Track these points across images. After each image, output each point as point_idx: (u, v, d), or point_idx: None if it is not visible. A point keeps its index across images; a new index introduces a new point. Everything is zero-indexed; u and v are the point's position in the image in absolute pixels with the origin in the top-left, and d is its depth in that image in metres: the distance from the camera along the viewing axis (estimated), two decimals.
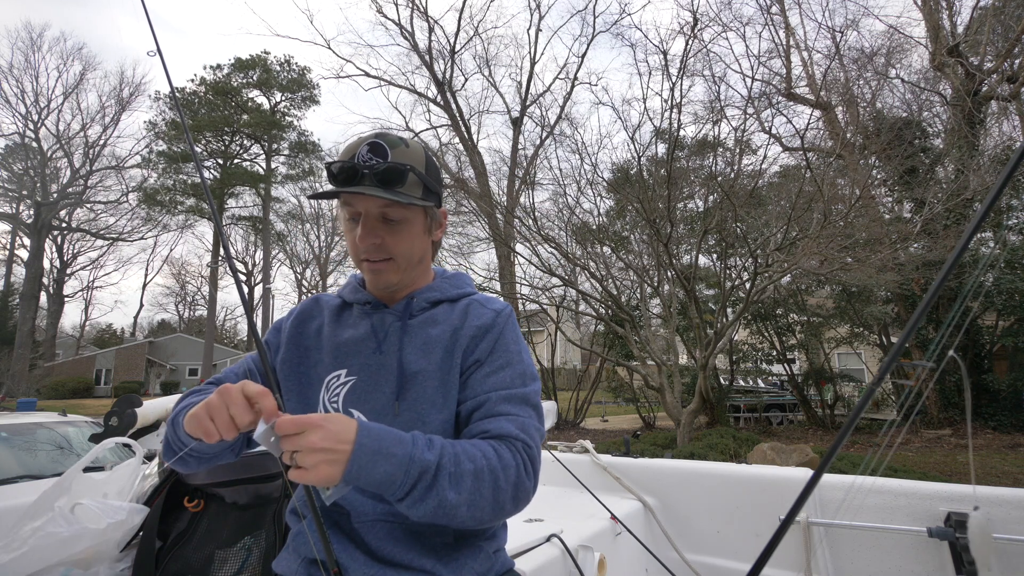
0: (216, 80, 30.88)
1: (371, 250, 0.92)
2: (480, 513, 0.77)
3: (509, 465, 0.80)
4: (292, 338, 1.02)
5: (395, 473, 0.72)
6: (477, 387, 0.90)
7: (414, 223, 0.95)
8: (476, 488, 0.76)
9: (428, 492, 0.73)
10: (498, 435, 0.83)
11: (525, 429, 0.85)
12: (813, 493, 1.85)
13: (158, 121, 30.20)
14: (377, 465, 0.71)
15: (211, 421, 0.71)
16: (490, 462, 0.78)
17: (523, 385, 0.91)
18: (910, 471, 7.27)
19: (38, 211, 29.19)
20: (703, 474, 2.22)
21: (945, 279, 0.96)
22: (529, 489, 0.82)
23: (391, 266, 0.94)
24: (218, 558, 1.45)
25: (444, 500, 0.74)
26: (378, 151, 0.90)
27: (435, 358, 0.92)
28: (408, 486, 0.72)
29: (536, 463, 0.84)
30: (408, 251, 0.95)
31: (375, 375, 0.92)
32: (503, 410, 0.87)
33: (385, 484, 0.72)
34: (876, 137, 10.90)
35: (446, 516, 0.75)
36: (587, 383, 16.71)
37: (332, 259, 35.03)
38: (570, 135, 18.64)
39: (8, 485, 3.26)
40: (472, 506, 0.76)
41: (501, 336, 0.94)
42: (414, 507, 0.74)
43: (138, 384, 34.39)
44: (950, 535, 1.59)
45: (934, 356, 1.12)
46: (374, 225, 0.91)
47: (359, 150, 0.90)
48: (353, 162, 0.89)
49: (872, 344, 14.65)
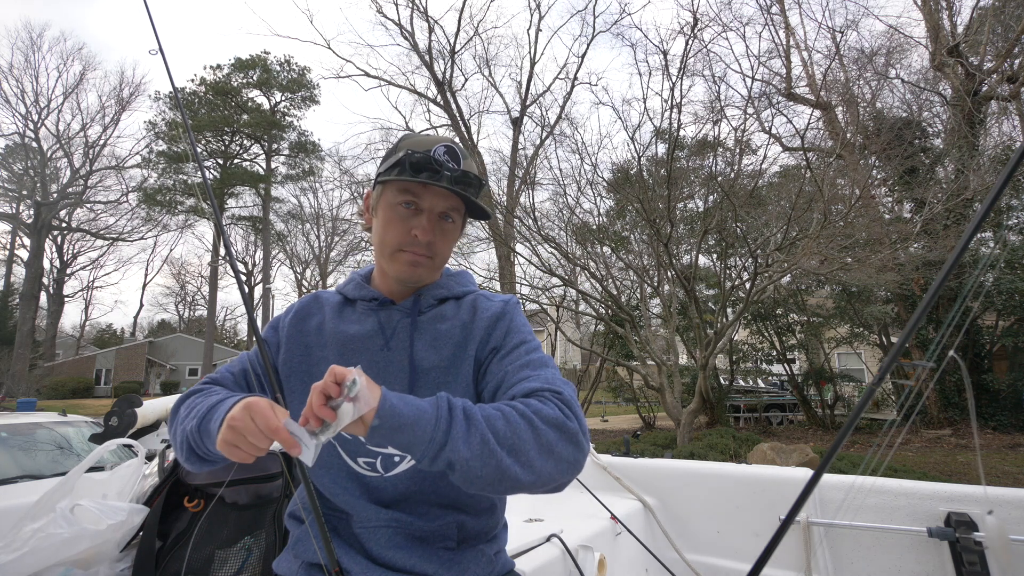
0: (216, 80, 30.86)
1: (424, 245, 0.93)
2: (536, 464, 0.71)
3: (540, 409, 0.75)
4: (292, 336, 1.01)
5: (426, 411, 0.70)
6: (496, 369, 0.89)
7: (458, 228, 0.99)
8: (513, 432, 0.71)
9: (470, 426, 0.70)
10: (524, 393, 0.80)
11: (550, 381, 0.82)
12: (813, 493, 1.85)
13: (158, 121, 30.23)
14: (408, 406, 0.69)
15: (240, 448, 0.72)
16: (518, 410, 0.74)
17: (539, 353, 0.91)
18: (910, 471, 7.27)
19: (38, 211, 29.18)
20: (703, 474, 2.21)
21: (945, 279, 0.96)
22: (576, 430, 0.76)
23: (428, 263, 0.96)
24: (218, 558, 1.46)
25: (486, 437, 0.69)
26: (453, 156, 0.93)
27: (446, 353, 0.92)
28: (444, 419, 0.70)
29: (574, 407, 0.79)
30: (447, 254, 0.99)
31: (384, 372, 0.92)
32: (523, 375, 0.85)
33: (419, 420, 0.69)
34: (876, 137, 10.90)
35: (495, 461, 0.69)
36: (587, 383, 16.71)
37: (332, 259, 35.00)
38: (570, 135, 18.67)
39: (8, 485, 3.26)
40: (515, 452, 0.70)
41: (512, 321, 0.96)
42: (462, 445, 0.69)
43: (138, 384, 34.39)
44: (950, 535, 1.59)
45: (934, 356, 1.12)
46: (436, 225, 0.94)
47: (435, 148, 0.92)
48: (435, 158, 0.90)
49: (872, 344, 14.65)
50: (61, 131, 30.47)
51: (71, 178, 30.66)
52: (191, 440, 0.84)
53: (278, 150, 33.76)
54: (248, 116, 31.37)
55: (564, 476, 0.75)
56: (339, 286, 1.09)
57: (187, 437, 0.85)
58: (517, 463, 0.70)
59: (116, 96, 31.00)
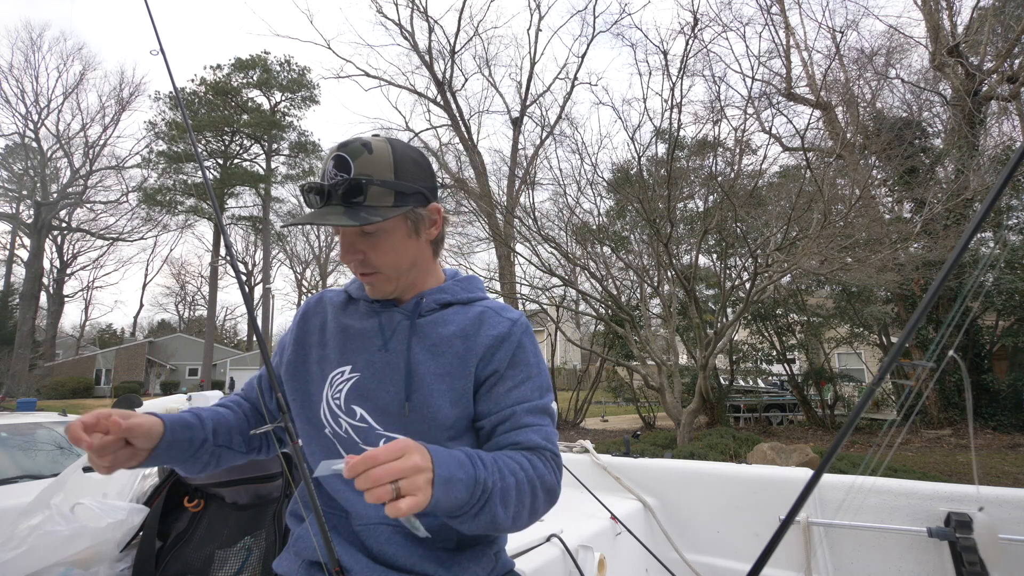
0: (216, 80, 30.85)
1: (356, 265, 0.92)
2: (520, 522, 0.81)
3: (544, 474, 0.84)
4: (297, 338, 1.02)
5: (464, 496, 0.71)
6: (501, 401, 0.90)
7: (393, 232, 0.90)
8: (519, 500, 0.79)
9: (483, 509, 0.75)
10: (528, 447, 0.87)
11: (549, 439, 0.90)
12: (813, 493, 1.85)
13: (158, 121, 30.23)
14: (453, 489, 0.70)
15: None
16: (527, 474, 0.82)
17: (542, 397, 0.93)
18: (910, 471, 7.27)
19: (38, 211, 29.18)
20: (703, 474, 2.21)
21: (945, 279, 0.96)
22: (558, 492, 0.88)
23: (380, 278, 0.93)
24: (218, 558, 1.46)
25: (495, 516, 0.76)
26: (342, 166, 0.86)
27: (445, 360, 0.91)
28: (473, 506, 0.73)
29: (561, 468, 0.90)
30: (394, 261, 0.92)
31: (380, 373, 0.92)
32: (528, 422, 0.89)
33: (456, 506, 0.71)
34: (876, 137, 10.89)
35: (492, 528, 0.77)
36: (587, 383, 16.72)
37: (332, 259, 35.02)
38: (570, 135, 18.71)
39: (8, 485, 3.25)
40: (516, 517, 0.79)
41: (520, 347, 0.93)
42: (469, 523, 0.75)
43: (138, 384, 34.39)
44: (950, 535, 1.59)
45: (934, 356, 1.12)
46: (352, 241, 0.91)
47: (327, 166, 0.89)
48: (321, 183, 0.87)
49: (872, 344, 14.65)
50: (61, 131, 30.52)
51: (71, 178, 30.66)
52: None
53: (278, 150, 33.76)
54: (248, 116, 31.36)
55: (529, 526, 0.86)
56: (346, 284, 1.09)
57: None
58: (510, 523, 0.79)
59: (116, 96, 31.06)
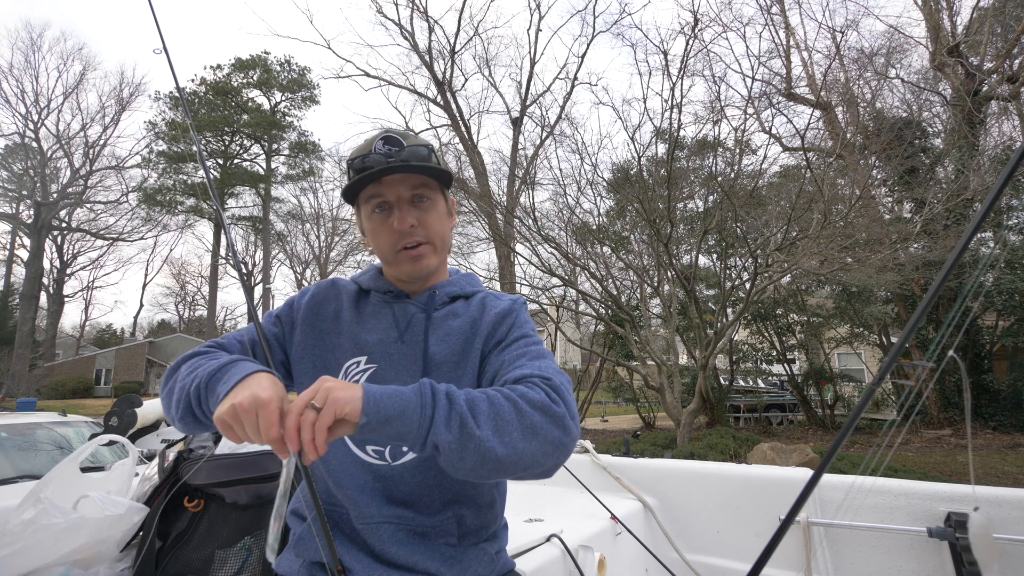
0: (216, 80, 30.87)
1: (410, 233, 0.95)
2: (513, 441, 0.70)
3: (525, 392, 0.75)
4: (308, 319, 1.01)
5: (411, 399, 0.69)
6: (495, 360, 0.91)
7: (439, 203, 0.99)
8: (497, 415, 0.71)
9: (451, 409, 0.70)
10: (515, 380, 0.80)
11: (542, 369, 0.82)
12: (813, 493, 1.85)
13: (158, 121, 30.24)
14: (389, 398, 0.68)
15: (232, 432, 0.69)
16: (504, 393, 0.74)
17: (538, 346, 0.92)
18: (910, 471, 7.27)
19: (38, 211, 29.16)
20: (703, 474, 2.21)
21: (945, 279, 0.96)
22: (562, 414, 0.74)
23: (428, 249, 0.98)
24: (218, 558, 1.45)
25: (472, 433, 0.68)
26: (393, 142, 0.94)
27: (456, 347, 0.95)
28: (428, 405, 0.69)
29: (563, 392, 0.78)
30: (441, 231, 0.99)
31: (397, 364, 0.93)
32: (517, 364, 0.85)
33: (404, 416, 0.68)
34: (876, 137, 10.89)
35: (483, 455, 0.69)
36: (587, 383, 16.70)
37: (332, 259, 35.01)
38: (570, 135, 18.68)
39: (7, 485, 3.25)
40: (501, 433, 0.70)
41: (517, 317, 0.99)
42: (443, 428, 0.68)
43: (138, 384, 34.35)
44: (950, 535, 1.59)
45: (934, 356, 1.12)
46: (408, 208, 0.95)
47: (374, 145, 0.94)
48: (375, 153, 0.92)
49: (872, 344, 14.65)
50: (61, 131, 30.48)
51: (71, 178, 30.64)
52: (191, 398, 0.80)
53: (278, 150, 33.77)
54: (248, 116, 31.38)
55: (549, 459, 0.73)
56: (355, 276, 1.10)
57: (187, 395, 0.80)
58: (500, 444, 0.69)
59: (116, 96, 31.02)
